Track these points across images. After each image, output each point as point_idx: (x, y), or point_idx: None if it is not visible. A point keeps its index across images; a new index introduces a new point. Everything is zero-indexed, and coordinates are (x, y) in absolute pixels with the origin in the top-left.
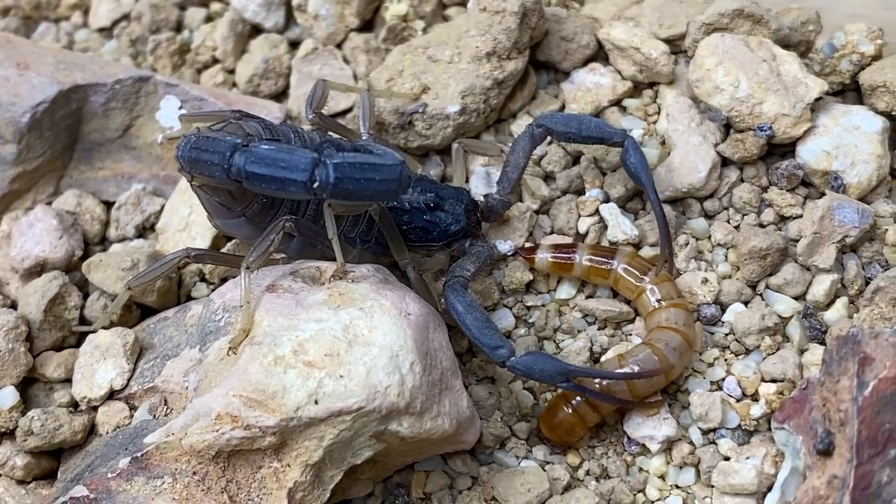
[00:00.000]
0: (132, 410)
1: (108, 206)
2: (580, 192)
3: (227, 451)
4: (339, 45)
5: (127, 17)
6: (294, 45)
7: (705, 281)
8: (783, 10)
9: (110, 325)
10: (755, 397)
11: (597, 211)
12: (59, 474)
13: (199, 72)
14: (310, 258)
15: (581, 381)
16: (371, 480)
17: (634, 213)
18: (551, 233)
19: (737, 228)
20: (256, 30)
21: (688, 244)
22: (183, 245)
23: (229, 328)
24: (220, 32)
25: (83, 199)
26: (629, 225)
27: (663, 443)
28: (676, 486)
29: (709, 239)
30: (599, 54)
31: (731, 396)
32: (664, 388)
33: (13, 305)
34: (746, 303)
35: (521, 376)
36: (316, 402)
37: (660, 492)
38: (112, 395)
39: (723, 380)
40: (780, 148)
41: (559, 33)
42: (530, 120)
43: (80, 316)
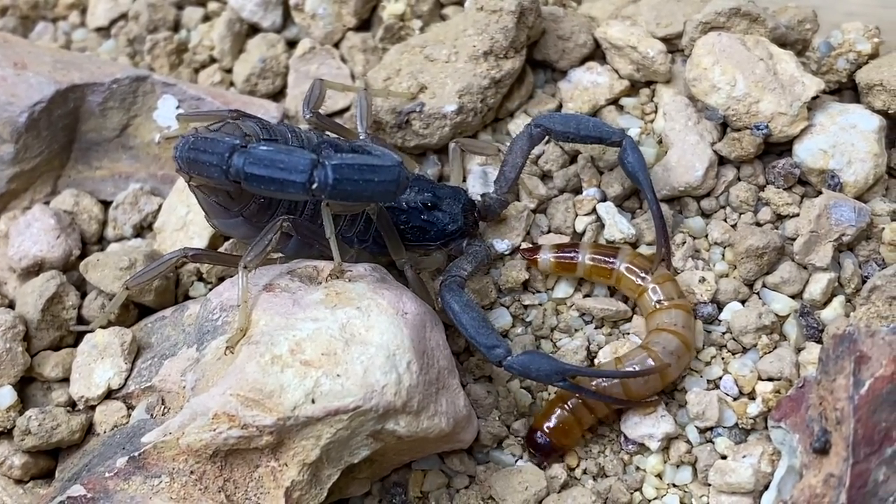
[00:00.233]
0: (130, 410)
1: (106, 205)
2: (577, 190)
3: (225, 451)
4: (336, 45)
5: (124, 17)
6: (291, 44)
7: (702, 280)
8: (780, 8)
9: (108, 325)
10: (752, 396)
11: (594, 210)
12: (56, 474)
13: (197, 71)
14: (307, 258)
15: (578, 381)
16: (368, 479)
17: (631, 212)
18: (548, 232)
19: (734, 227)
20: (254, 29)
21: (685, 243)
22: (180, 244)
23: (227, 327)
24: (217, 32)
25: (81, 199)
26: (626, 224)
27: (660, 441)
28: (673, 485)
29: (706, 238)
30: (596, 53)
31: (728, 395)
32: (661, 390)
33: (11, 305)
34: (743, 301)
35: (518, 375)
36: (313, 402)
37: (657, 490)
38: (110, 395)
39: (720, 378)
40: (777, 146)
41: (556, 32)
42: (528, 119)
43: (78, 315)
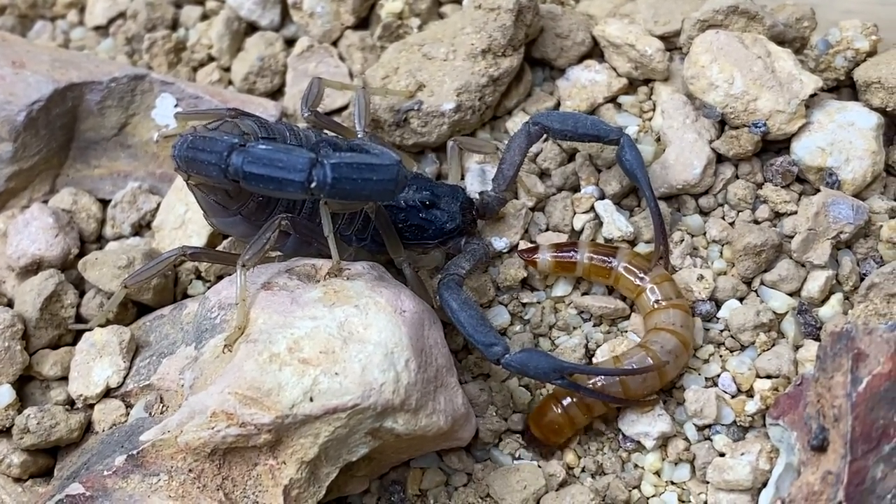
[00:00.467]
0: (128, 408)
1: (105, 204)
2: (575, 188)
3: (223, 449)
4: (334, 43)
5: (123, 16)
6: (290, 42)
7: (700, 277)
8: (778, 6)
9: (106, 323)
10: (750, 393)
11: (592, 208)
12: (55, 472)
13: (195, 70)
14: (306, 256)
15: (576, 379)
16: (367, 477)
17: (629, 210)
18: (546, 230)
19: (732, 225)
20: (252, 28)
21: (683, 241)
22: (179, 243)
23: (225, 326)
24: (215, 30)
25: (79, 198)
26: (624, 222)
27: (658, 439)
28: (672, 483)
29: (704, 235)
30: (595, 51)
31: (726, 393)
32: (659, 389)
33: (9, 304)
34: (741, 299)
35: (516, 373)
36: (311, 400)
37: (655, 488)
38: (108, 393)
39: (718, 376)
40: (775, 144)
41: (554, 30)
42: (526, 117)
43: (77, 314)
